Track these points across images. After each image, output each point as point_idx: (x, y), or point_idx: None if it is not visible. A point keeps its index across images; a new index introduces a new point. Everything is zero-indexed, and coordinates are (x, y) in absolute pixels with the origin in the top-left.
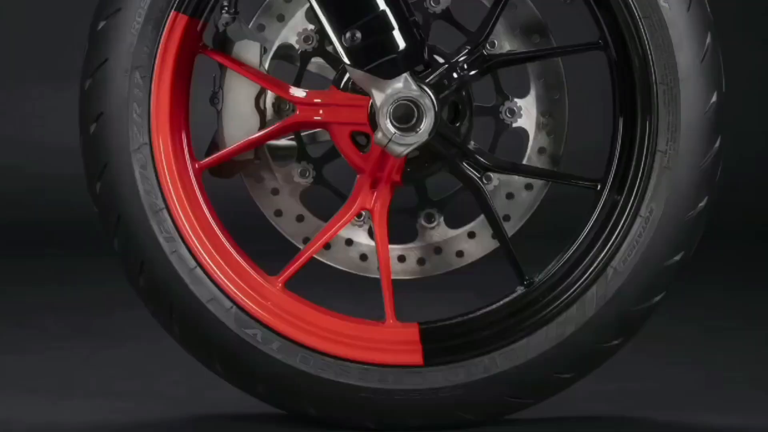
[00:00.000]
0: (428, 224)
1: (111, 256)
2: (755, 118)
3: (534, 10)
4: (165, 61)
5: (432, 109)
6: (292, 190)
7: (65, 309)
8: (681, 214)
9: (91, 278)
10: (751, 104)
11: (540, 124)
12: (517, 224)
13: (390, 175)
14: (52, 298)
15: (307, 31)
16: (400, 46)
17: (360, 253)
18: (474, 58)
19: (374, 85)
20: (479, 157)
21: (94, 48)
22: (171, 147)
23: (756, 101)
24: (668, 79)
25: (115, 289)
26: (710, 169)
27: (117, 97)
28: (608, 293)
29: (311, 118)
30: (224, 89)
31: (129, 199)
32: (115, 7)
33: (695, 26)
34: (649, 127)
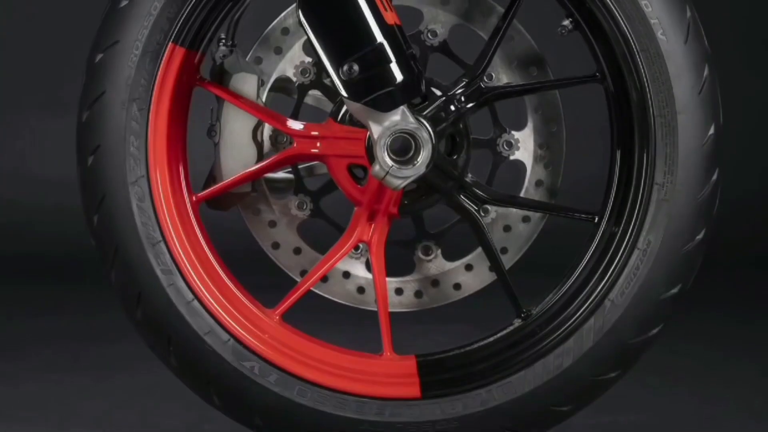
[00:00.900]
0: (425, 257)
1: (108, 288)
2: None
3: (531, 43)
4: (162, 94)
5: (429, 141)
6: (290, 223)
7: (62, 340)
8: (679, 247)
9: (88, 310)
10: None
11: (537, 156)
12: (514, 257)
13: (387, 207)
14: (49, 328)
15: (304, 64)
16: (397, 78)
17: (357, 286)
18: (471, 91)
19: (372, 117)
20: (476, 189)
21: (91, 80)
22: (168, 179)
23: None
24: (666, 112)
25: (113, 320)
26: (708, 201)
27: (114, 129)
28: (606, 325)
29: (308, 151)
30: (221, 122)
31: (126, 232)
32: (113, 39)
33: (693, 58)
34: (646, 159)
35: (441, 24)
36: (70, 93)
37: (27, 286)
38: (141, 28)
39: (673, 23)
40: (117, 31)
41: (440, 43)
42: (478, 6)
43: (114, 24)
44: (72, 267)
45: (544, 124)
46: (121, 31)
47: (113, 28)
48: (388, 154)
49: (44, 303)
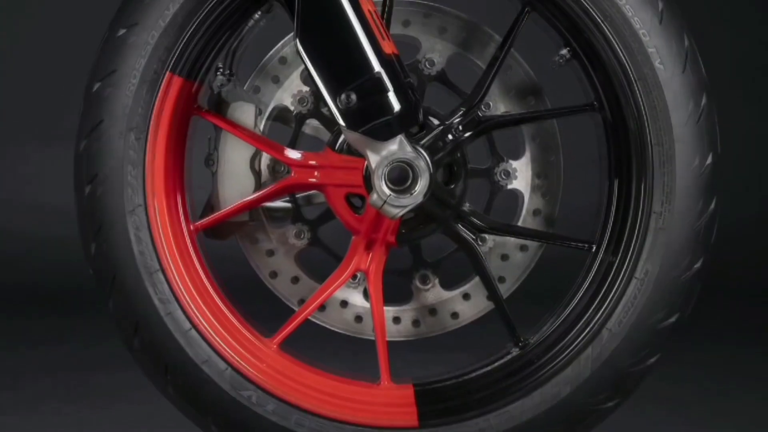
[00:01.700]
0: (423, 286)
1: (107, 317)
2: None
3: (529, 72)
4: (160, 123)
5: (427, 170)
6: (288, 252)
7: (61, 369)
8: (676, 276)
9: (87, 339)
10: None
11: (534, 185)
12: (512, 286)
13: (385, 236)
14: (48, 357)
15: (302, 93)
16: (395, 108)
17: (355, 315)
18: (469, 120)
19: (369, 146)
20: (474, 218)
21: (89, 109)
22: (166, 208)
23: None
24: (663, 141)
25: (111, 349)
26: (705, 230)
27: (112, 158)
28: (604, 354)
29: (306, 180)
30: (219, 151)
31: (124, 261)
32: (110, 68)
33: (690, 87)
34: (644, 188)
35: (438, 53)
36: (69, 122)
37: (25, 315)
38: (138, 58)
39: (671, 52)
40: (115, 60)
41: (438, 72)
42: (475, 35)
43: (112, 53)
44: (71, 296)
45: (542, 153)
46: (118, 60)
47: (111, 57)
48: (385, 183)
49: (43, 332)
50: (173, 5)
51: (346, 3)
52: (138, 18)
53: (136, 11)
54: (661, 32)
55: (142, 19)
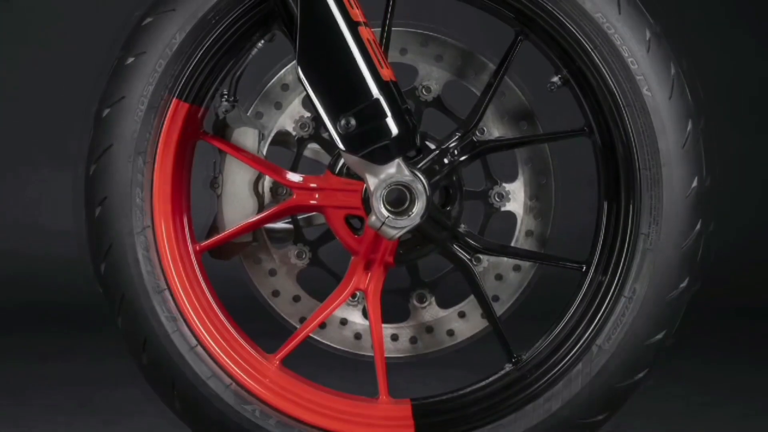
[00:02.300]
0: (420, 304)
1: (115, 335)
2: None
3: (522, 98)
4: (167, 147)
5: (424, 193)
6: (289, 271)
7: (70, 384)
8: (663, 294)
9: (95, 355)
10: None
11: (528, 207)
12: (506, 304)
13: (383, 256)
14: (57, 373)
15: (303, 118)
16: (393, 132)
17: (354, 333)
18: (464, 144)
19: (368, 170)
20: (469, 239)
21: (98, 134)
22: (172, 230)
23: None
24: (651, 164)
25: (119, 365)
26: (692, 251)
27: (120, 181)
28: (593, 370)
29: (307, 202)
30: (223, 174)
31: (132, 280)
32: (119, 95)
33: (677, 113)
34: (632, 210)
35: (435, 80)
36: (73, 146)
37: (35, 335)
38: (146, 85)
39: (659, 79)
40: (123, 87)
41: (434, 98)
42: (470, 63)
43: (120, 80)
44: (77, 315)
45: (535, 176)
46: (127, 87)
47: (120, 84)
48: (384, 205)
49: (52, 349)
50: (180, 34)
51: (346, 31)
52: (145, 46)
53: (144, 40)
54: (648, 60)
55: (150, 47)
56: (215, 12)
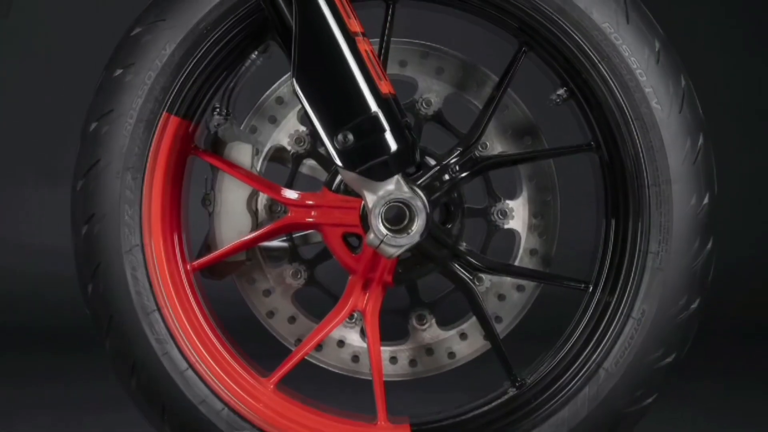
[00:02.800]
0: (420, 326)
1: (104, 356)
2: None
3: (525, 112)
4: (157, 163)
5: (423, 210)
6: (284, 292)
7: (59, 407)
8: (673, 315)
9: (85, 378)
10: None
11: (531, 225)
12: (508, 325)
13: (382, 276)
14: (46, 396)
15: (299, 133)
16: (391, 148)
17: (352, 354)
18: (465, 160)
19: (366, 186)
20: (470, 258)
21: (85, 149)
22: (163, 248)
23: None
24: (660, 181)
25: (109, 389)
26: (702, 270)
27: (108, 198)
28: (601, 394)
29: (303, 220)
30: (216, 191)
31: (120, 301)
32: (107, 108)
33: (687, 127)
34: (641, 228)
35: (435, 93)
36: (67, 162)
37: (23, 354)
38: (135, 98)
39: (668, 92)
40: (111, 100)
41: (435, 112)
42: (472, 76)
43: (108, 93)
44: (68, 335)
45: (539, 193)
46: (115, 100)
47: (108, 97)
48: (382, 222)
49: (41, 370)
50: (170, 45)
51: (343, 43)
52: (135, 58)
53: (133, 51)
54: (657, 72)
55: (139, 59)
56: (206, 22)
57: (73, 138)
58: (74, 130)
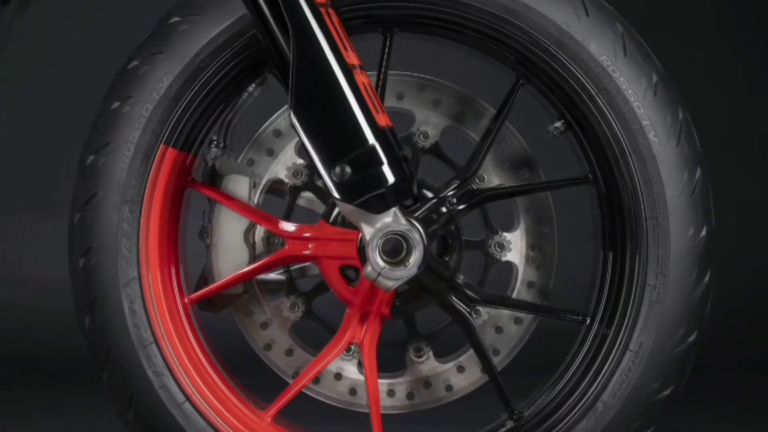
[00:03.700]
0: (417, 358)
1: (101, 389)
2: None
3: (523, 144)
4: (154, 195)
5: (421, 243)
6: (282, 324)
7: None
8: (671, 348)
9: (81, 410)
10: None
11: (529, 258)
12: (506, 358)
13: (379, 308)
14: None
15: (296, 166)
16: (389, 180)
17: (349, 387)
18: (463, 193)
19: (363, 219)
20: (468, 290)
21: (83, 181)
22: (161, 281)
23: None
24: (657, 213)
25: (108, 421)
26: (700, 303)
27: (105, 231)
28: (598, 427)
29: (301, 253)
30: (214, 223)
31: (118, 334)
32: (105, 140)
33: (685, 160)
34: (638, 260)
35: (433, 126)
36: (64, 194)
37: (20, 387)
38: (132, 130)
39: (665, 125)
40: (109, 132)
41: (432, 144)
42: (469, 108)
43: (106, 125)
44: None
45: (536, 225)
46: (112, 132)
47: (105, 129)
48: (380, 255)
49: (38, 403)
50: (167, 78)
51: (341, 76)
52: (132, 90)
53: (130, 84)
54: (655, 105)
55: (136, 91)
56: (204, 55)
57: (71, 170)
58: (71, 163)
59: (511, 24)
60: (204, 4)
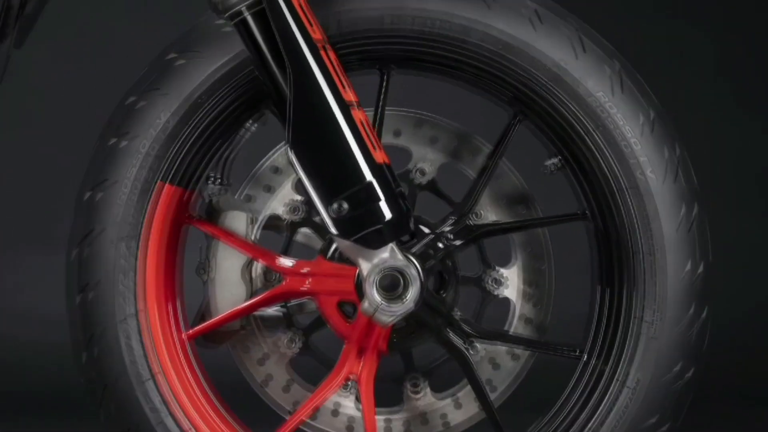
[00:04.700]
0: (414, 394)
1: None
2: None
3: (519, 181)
4: (151, 231)
5: (418, 278)
6: (279, 360)
7: None
8: (668, 385)
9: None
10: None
11: (525, 294)
12: (503, 393)
13: (377, 343)
14: None
15: (294, 202)
16: (386, 216)
17: (347, 423)
18: (459, 229)
19: (361, 254)
20: (465, 326)
21: (80, 218)
22: (158, 317)
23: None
24: (653, 249)
25: None
26: (697, 339)
27: (103, 267)
28: None
29: (298, 288)
30: (211, 259)
31: (115, 370)
32: (102, 177)
33: (682, 196)
34: (635, 297)
35: (429, 162)
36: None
37: (19, 423)
38: (130, 166)
39: (662, 161)
40: (106, 168)
41: (429, 181)
42: (466, 145)
43: (103, 162)
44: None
45: (532, 261)
46: (110, 168)
47: (103, 165)
48: (377, 290)
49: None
50: (164, 113)
51: (338, 113)
52: (129, 126)
53: (127, 120)
54: (652, 141)
55: (134, 127)
56: (202, 92)
57: (68, 206)
58: (69, 199)
59: (509, 60)
60: (202, 40)
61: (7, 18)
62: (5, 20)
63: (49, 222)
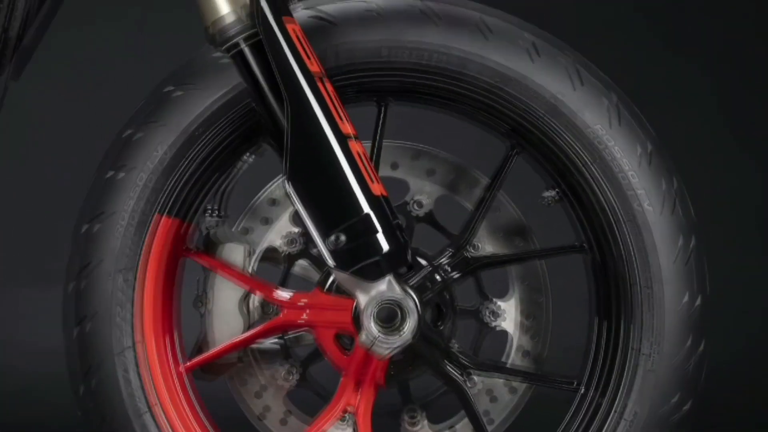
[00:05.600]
0: (412, 426)
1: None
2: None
3: (516, 213)
4: (149, 264)
5: (415, 311)
6: (276, 392)
7: None
8: (665, 416)
9: None
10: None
11: (522, 326)
12: (501, 426)
13: (374, 376)
14: None
15: (292, 234)
16: (383, 248)
17: None
18: (457, 261)
19: (358, 287)
20: (462, 358)
21: (77, 250)
22: (155, 350)
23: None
24: (651, 282)
25: None
26: (694, 371)
27: (100, 300)
28: None
29: (296, 320)
30: (209, 291)
31: (112, 403)
32: (99, 209)
33: (680, 228)
34: (632, 329)
35: (427, 195)
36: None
37: None
38: (127, 199)
39: (659, 194)
40: (103, 201)
41: (426, 213)
42: (463, 177)
43: (100, 194)
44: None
45: (530, 293)
46: (107, 201)
47: (99, 198)
48: (374, 323)
49: None
50: (161, 146)
51: (336, 145)
52: (126, 159)
53: (124, 152)
54: (649, 174)
55: (131, 159)
56: (199, 124)
57: (66, 239)
58: (67, 231)
59: (506, 93)
60: (199, 72)
61: (4, 49)
62: (2, 52)
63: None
